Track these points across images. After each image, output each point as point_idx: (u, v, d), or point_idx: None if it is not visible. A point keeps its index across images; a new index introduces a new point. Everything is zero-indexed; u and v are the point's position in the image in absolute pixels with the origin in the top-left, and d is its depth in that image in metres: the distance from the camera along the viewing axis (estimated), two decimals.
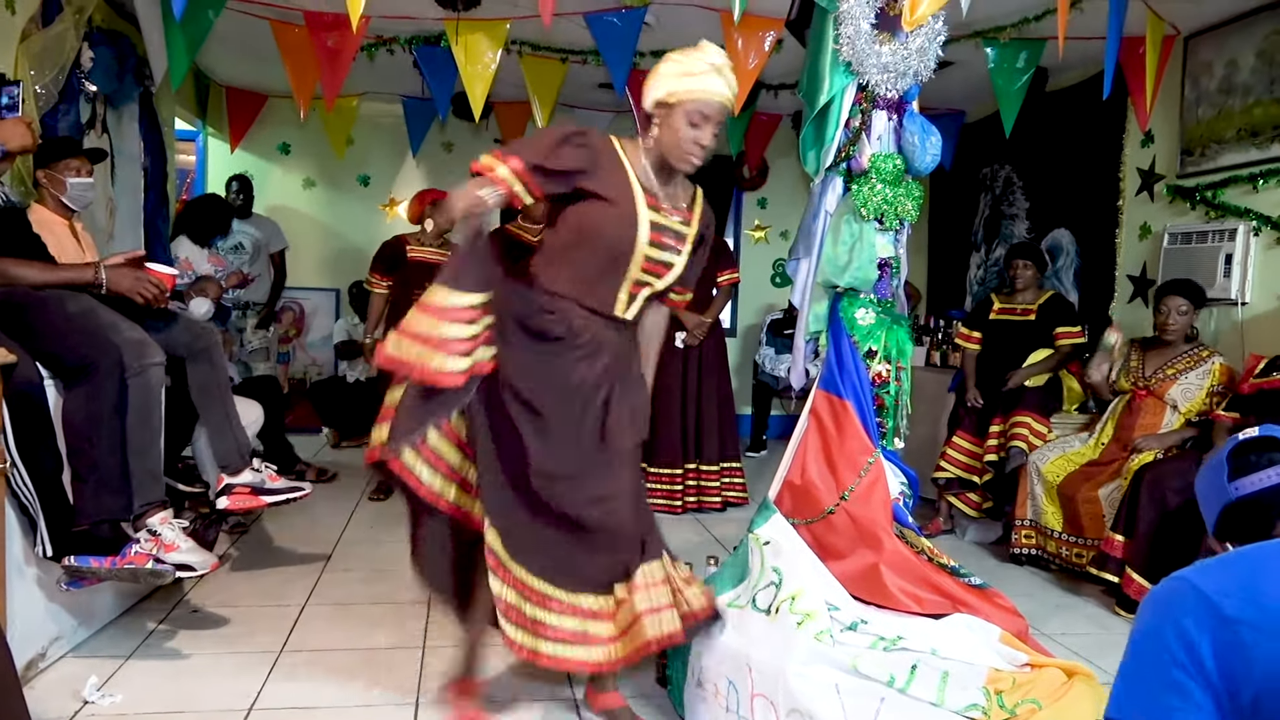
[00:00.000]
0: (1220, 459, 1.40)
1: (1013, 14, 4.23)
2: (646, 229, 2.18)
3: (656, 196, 2.23)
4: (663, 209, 2.23)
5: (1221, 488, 1.37)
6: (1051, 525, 3.86)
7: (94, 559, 2.53)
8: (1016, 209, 5.79)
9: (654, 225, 2.20)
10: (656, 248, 2.21)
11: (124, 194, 4.56)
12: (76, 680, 2.48)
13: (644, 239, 2.18)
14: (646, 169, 2.23)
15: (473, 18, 4.22)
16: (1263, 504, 1.33)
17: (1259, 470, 1.34)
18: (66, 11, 3.67)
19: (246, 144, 6.47)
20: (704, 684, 2.29)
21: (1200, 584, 1.09)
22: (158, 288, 2.82)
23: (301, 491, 3.19)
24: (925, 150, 2.51)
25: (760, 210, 7.38)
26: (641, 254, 2.19)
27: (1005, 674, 2.02)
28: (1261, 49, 3.95)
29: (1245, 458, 1.37)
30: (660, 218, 2.22)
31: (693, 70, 2.14)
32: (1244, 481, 1.34)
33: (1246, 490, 1.34)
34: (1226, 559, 1.17)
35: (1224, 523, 1.38)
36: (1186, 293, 3.74)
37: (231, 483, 3.07)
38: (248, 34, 4.65)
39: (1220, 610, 1.05)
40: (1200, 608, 1.07)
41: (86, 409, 2.55)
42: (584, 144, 2.17)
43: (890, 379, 2.52)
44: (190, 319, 3.38)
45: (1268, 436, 1.37)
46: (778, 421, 6.87)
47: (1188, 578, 1.12)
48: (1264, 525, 1.32)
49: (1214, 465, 1.41)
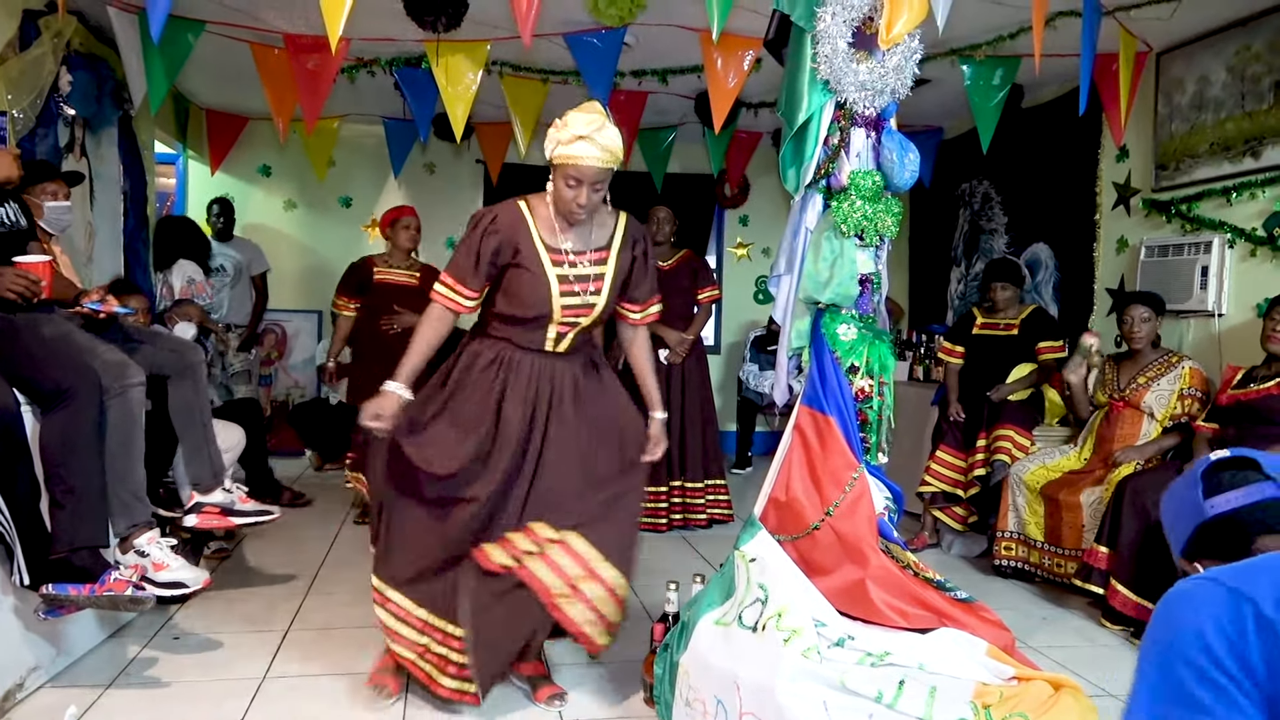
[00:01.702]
0: (1194, 477, 1.37)
1: (988, 32, 4.29)
2: (555, 286, 2.45)
3: (562, 250, 2.48)
4: (570, 260, 2.48)
5: (1196, 506, 1.34)
6: (1034, 536, 3.88)
7: (72, 587, 2.49)
8: (995, 224, 5.85)
9: (561, 279, 2.46)
10: (569, 296, 2.46)
11: (103, 217, 4.54)
12: (55, 711, 2.43)
13: (556, 295, 2.45)
14: (551, 220, 2.48)
15: (453, 39, 4.23)
16: (1239, 521, 1.30)
17: (1234, 488, 1.31)
18: (44, 35, 3.66)
19: (227, 166, 6.45)
20: (692, 703, 2.28)
21: (1235, 585, 1.04)
22: (27, 279, 2.65)
23: (270, 515, 3.17)
24: (904, 167, 2.53)
25: (742, 228, 7.42)
26: (559, 307, 2.46)
27: (992, 688, 2.02)
28: (1231, 65, 4.02)
29: (1218, 476, 1.34)
30: (567, 270, 2.47)
31: (563, 138, 2.37)
32: (1219, 499, 1.32)
33: (1222, 508, 1.31)
34: (1248, 564, 1.11)
35: (1197, 542, 1.35)
36: (1147, 301, 3.81)
37: (202, 501, 3.05)
38: (227, 57, 4.65)
39: (1263, 612, 1.00)
40: (1241, 609, 1.02)
41: (63, 435, 2.52)
42: (494, 229, 2.44)
43: (873, 394, 2.53)
44: (176, 339, 3.36)
45: (1240, 457, 1.35)
46: (762, 438, 6.87)
47: (1219, 579, 1.07)
48: (1241, 543, 1.29)
49: (1187, 483, 1.39)
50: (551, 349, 2.53)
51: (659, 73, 4.99)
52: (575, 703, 2.64)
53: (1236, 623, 1.01)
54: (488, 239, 2.44)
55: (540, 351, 2.53)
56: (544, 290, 2.44)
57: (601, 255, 2.53)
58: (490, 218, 2.47)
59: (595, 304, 2.51)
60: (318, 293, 6.72)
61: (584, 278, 2.49)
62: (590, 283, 2.50)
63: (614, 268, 2.54)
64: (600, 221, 2.55)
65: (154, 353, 2.98)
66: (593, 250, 2.52)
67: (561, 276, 2.46)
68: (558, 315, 2.47)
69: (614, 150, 2.39)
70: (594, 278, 2.50)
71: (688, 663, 2.33)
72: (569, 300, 2.47)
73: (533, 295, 2.45)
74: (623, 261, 2.56)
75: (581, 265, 2.49)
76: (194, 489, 3.06)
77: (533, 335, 2.51)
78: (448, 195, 6.87)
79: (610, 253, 2.54)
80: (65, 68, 3.90)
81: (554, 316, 2.47)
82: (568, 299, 2.47)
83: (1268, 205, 3.84)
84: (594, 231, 2.54)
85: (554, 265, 2.46)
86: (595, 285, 2.51)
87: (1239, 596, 1.02)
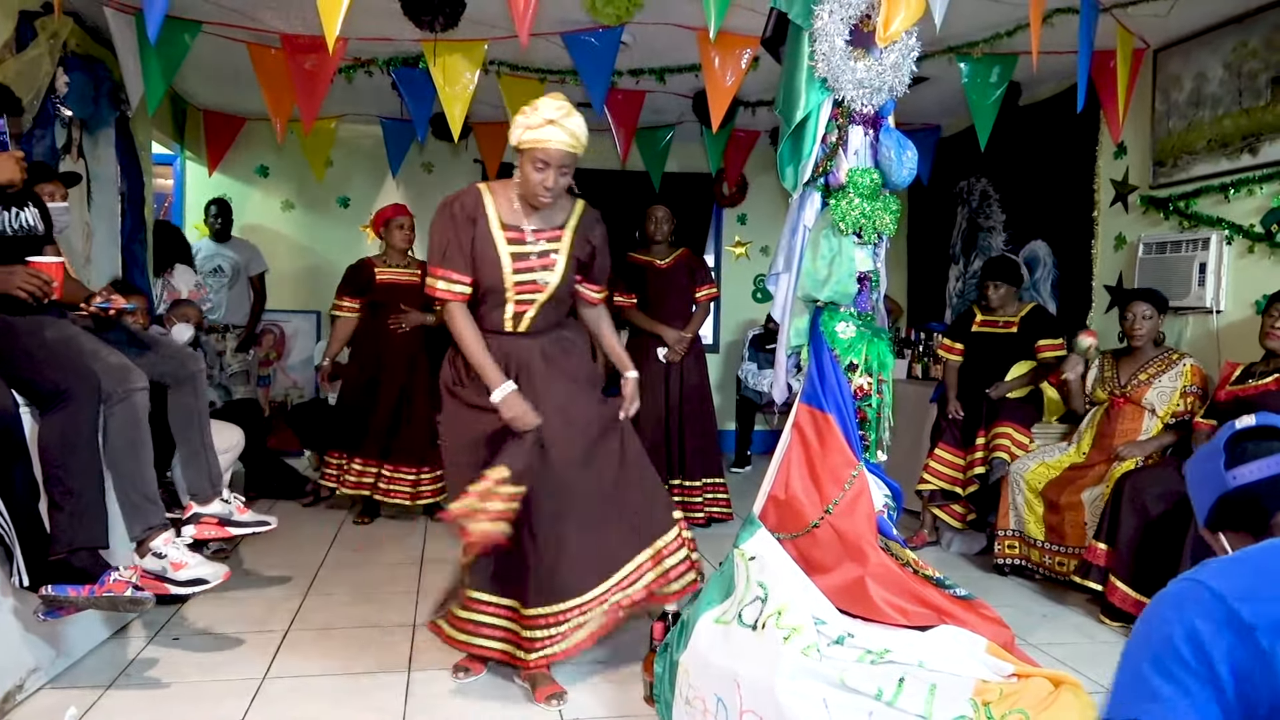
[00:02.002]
0: (1217, 446, 1.32)
1: (985, 30, 4.29)
2: (509, 262, 2.58)
3: (520, 229, 2.61)
4: (525, 239, 2.61)
5: (1218, 476, 1.30)
6: (1034, 535, 3.88)
7: (72, 588, 2.49)
8: (993, 221, 5.85)
9: (515, 256, 2.59)
10: (523, 273, 2.59)
11: (101, 218, 4.53)
12: (55, 712, 2.44)
13: (508, 271, 2.58)
14: (514, 204, 2.62)
15: (450, 38, 4.23)
16: (1261, 494, 1.26)
17: (1258, 459, 1.27)
18: (41, 36, 3.65)
19: (224, 167, 6.45)
20: (692, 702, 2.28)
21: (1215, 586, 1.03)
22: (39, 279, 2.64)
23: (267, 526, 3.17)
24: (901, 164, 2.54)
25: (740, 226, 7.42)
26: (511, 282, 2.58)
27: (992, 685, 2.02)
28: (1229, 61, 4.02)
29: (1243, 446, 1.29)
30: (520, 248, 2.60)
31: (531, 123, 2.49)
32: (1242, 470, 1.27)
33: (1245, 479, 1.27)
34: (1240, 560, 1.09)
35: (1219, 513, 1.31)
36: (1149, 298, 3.81)
37: (199, 512, 3.04)
38: (224, 57, 4.64)
39: (1238, 615, 0.99)
40: (1216, 611, 1.01)
41: (62, 437, 2.52)
42: (455, 214, 2.59)
43: (872, 392, 2.53)
44: (177, 346, 3.36)
45: (1266, 426, 1.30)
46: (761, 437, 6.87)
47: (1201, 580, 1.05)
48: (1261, 516, 1.25)
49: (1209, 453, 1.34)
50: (511, 329, 2.65)
51: (656, 72, 4.99)
52: (575, 701, 2.64)
53: (1210, 624, 1.00)
54: (461, 222, 2.59)
55: (501, 333, 2.64)
56: (496, 265, 2.57)
57: (556, 234, 2.67)
58: (456, 203, 2.62)
59: (549, 280, 2.63)
60: (316, 293, 6.72)
61: (539, 254, 2.62)
62: (544, 258, 2.62)
63: (568, 244, 2.67)
64: (560, 206, 2.69)
65: (155, 360, 2.98)
66: (549, 229, 2.66)
67: (515, 254, 2.59)
68: (511, 291, 2.59)
69: (579, 136, 2.52)
70: (549, 253, 2.63)
71: (687, 661, 2.33)
72: (522, 276, 2.59)
73: (487, 270, 2.57)
74: (578, 242, 2.70)
75: (537, 242, 2.63)
76: (191, 499, 3.06)
77: (493, 314, 2.63)
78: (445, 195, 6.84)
79: (565, 231, 2.68)
80: (62, 69, 3.89)
81: (508, 292, 2.59)
82: (521, 275, 2.59)
83: (1265, 201, 3.84)
84: (552, 214, 2.68)
85: (509, 243, 2.59)
86: (549, 260, 2.63)
87: (1218, 599, 1.01)
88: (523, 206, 2.62)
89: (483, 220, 2.59)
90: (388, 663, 2.91)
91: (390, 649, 3.02)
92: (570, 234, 2.69)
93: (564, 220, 2.70)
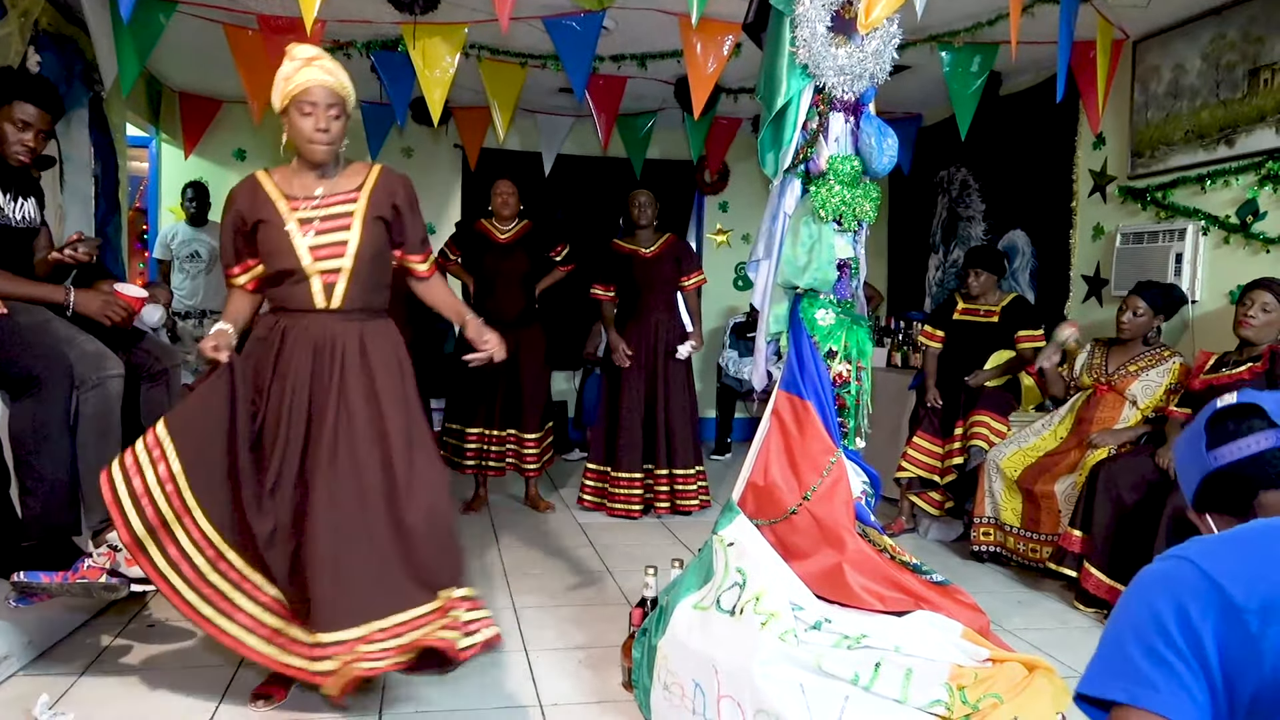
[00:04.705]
0: (1198, 428, 1.31)
1: (966, 19, 4.29)
2: (296, 229, 2.43)
3: (306, 198, 2.46)
4: (310, 204, 2.46)
5: (1200, 457, 1.29)
6: (1010, 521, 3.91)
7: (44, 574, 2.46)
8: (973, 211, 5.88)
9: (302, 222, 2.43)
10: (316, 236, 2.43)
11: (74, 201, 4.46)
12: (27, 699, 2.41)
13: (297, 237, 2.42)
14: (294, 177, 2.50)
15: (430, 22, 4.19)
16: (1244, 474, 1.24)
17: (1238, 439, 1.25)
18: (11, 15, 3.59)
19: (201, 150, 6.36)
20: (670, 687, 2.29)
21: (1206, 566, 1.00)
22: (125, 310, 2.84)
23: None
24: (882, 152, 2.54)
25: (722, 214, 7.41)
26: (303, 248, 2.42)
27: (967, 669, 2.04)
28: (1206, 53, 4.05)
29: (1224, 425, 1.28)
30: (308, 212, 2.45)
31: (287, 72, 2.39)
32: (1223, 450, 1.26)
33: (1226, 460, 1.26)
34: (1229, 539, 1.06)
35: (1204, 493, 1.29)
36: (1147, 297, 3.78)
37: None
38: (200, 38, 4.58)
39: (1228, 596, 0.97)
40: (1206, 592, 0.98)
41: (33, 422, 2.49)
42: (231, 206, 2.51)
43: (851, 379, 2.54)
44: (154, 339, 3.32)
45: (1246, 403, 1.28)
46: (742, 425, 6.89)
47: (1190, 558, 1.02)
48: (1245, 496, 1.24)
49: (1192, 434, 1.32)
50: (324, 305, 2.45)
51: (638, 57, 4.96)
52: (553, 687, 2.64)
53: (1198, 604, 0.98)
54: (228, 218, 2.52)
55: (312, 311, 2.45)
56: (283, 236, 2.42)
57: (351, 196, 2.49)
58: (229, 199, 2.53)
59: (348, 239, 2.44)
60: None
61: (330, 216, 2.45)
62: (337, 220, 2.46)
63: (365, 204, 2.48)
64: (352, 171, 2.54)
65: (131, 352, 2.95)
66: (341, 194, 2.49)
67: (303, 220, 2.44)
68: (307, 260, 2.42)
69: (340, 76, 2.42)
70: (342, 215, 2.46)
71: (666, 647, 2.33)
72: (316, 240, 2.42)
73: (275, 244, 2.43)
74: (377, 202, 2.50)
75: (326, 207, 2.47)
76: None
77: (297, 292, 2.45)
78: (426, 180, 6.79)
79: (361, 193, 2.50)
80: (33, 48, 3.82)
81: (304, 263, 2.42)
82: (315, 238, 2.42)
83: (1241, 193, 3.87)
84: (342, 180, 2.52)
85: (291, 211, 2.44)
86: (344, 222, 2.46)
87: (1208, 580, 0.99)
88: (306, 176, 2.49)
89: (263, 201, 2.46)
90: None
91: None
92: (366, 195, 2.50)
93: (359, 184, 2.52)
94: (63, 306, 2.75)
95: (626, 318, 4.88)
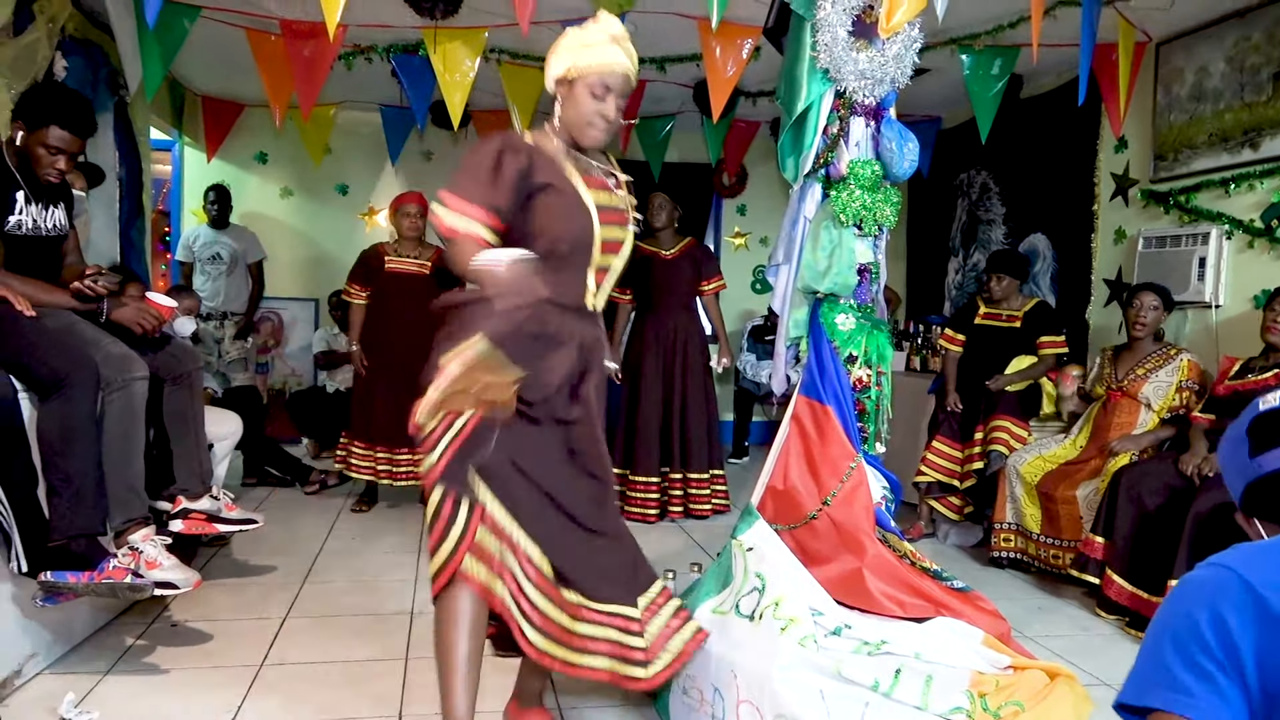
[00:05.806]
0: (1240, 433, 1.27)
1: (987, 21, 4.28)
2: (595, 212, 2.08)
3: (590, 174, 2.12)
4: (602, 184, 2.14)
5: (1244, 463, 1.25)
6: (1031, 527, 3.89)
7: (70, 574, 2.49)
8: (993, 214, 5.84)
9: (600, 208, 2.09)
10: (608, 227, 2.10)
11: (99, 205, 4.52)
12: (53, 698, 2.44)
13: (597, 222, 2.08)
14: (564, 151, 2.13)
15: (451, 26, 4.21)
16: None
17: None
18: (39, 20, 3.63)
19: (223, 153, 6.43)
20: (689, 691, 2.29)
21: (1247, 575, 0.98)
22: (157, 319, 2.93)
23: (254, 524, 3.17)
24: (903, 156, 2.53)
25: (740, 217, 7.40)
26: (599, 236, 2.08)
27: (988, 676, 2.03)
28: (1230, 55, 4.01)
29: (1269, 429, 1.23)
30: (600, 197, 2.11)
31: (590, 42, 2.08)
32: (1269, 456, 1.21)
33: (1273, 465, 1.21)
34: (1270, 547, 1.04)
35: (1250, 498, 1.25)
36: (1158, 292, 3.82)
37: (189, 508, 3.05)
38: (223, 43, 4.62)
39: (1268, 606, 0.95)
40: (1245, 600, 0.97)
41: (61, 423, 2.52)
42: (516, 147, 2.06)
43: (871, 384, 2.54)
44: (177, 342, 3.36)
45: None
46: (759, 428, 6.88)
47: (1232, 566, 1.01)
48: None
49: (1234, 439, 1.28)
50: (591, 304, 2.12)
51: (657, 61, 4.97)
52: (570, 690, 2.65)
53: (1237, 614, 0.97)
54: (510, 155, 2.03)
55: (579, 311, 2.10)
56: (586, 217, 2.05)
57: (620, 185, 2.21)
58: (506, 137, 2.07)
59: (624, 239, 2.16)
60: (314, 280, 6.71)
61: (613, 208, 2.14)
62: (618, 214, 2.16)
63: (631, 202, 2.20)
64: (599, 159, 2.20)
65: (155, 355, 2.99)
66: (610, 180, 2.18)
67: (600, 205, 2.09)
68: (598, 249, 2.08)
69: (635, 62, 2.12)
70: (619, 210, 2.16)
71: None
72: (607, 232, 2.09)
73: (571, 223, 2.04)
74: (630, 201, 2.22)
75: (614, 195, 2.16)
76: (181, 495, 3.06)
77: (573, 284, 2.07)
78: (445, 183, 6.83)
79: (623, 186, 2.21)
80: (60, 53, 3.88)
81: (594, 253, 2.08)
82: (607, 230, 2.09)
83: (1265, 196, 3.84)
84: (600, 165, 2.19)
85: (588, 188, 2.09)
86: (623, 218, 2.17)
87: (1248, 589, 0.98)
88: (571, 155, 2.13)
89: (552, 166, 2.07)
90: (385, 651, 2.92)
91: (388, 637, 3.03)
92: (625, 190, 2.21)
93: (616, 175, 2.21)
94: (97, 313, 2.81)
95: (644, 320, 4.88)
